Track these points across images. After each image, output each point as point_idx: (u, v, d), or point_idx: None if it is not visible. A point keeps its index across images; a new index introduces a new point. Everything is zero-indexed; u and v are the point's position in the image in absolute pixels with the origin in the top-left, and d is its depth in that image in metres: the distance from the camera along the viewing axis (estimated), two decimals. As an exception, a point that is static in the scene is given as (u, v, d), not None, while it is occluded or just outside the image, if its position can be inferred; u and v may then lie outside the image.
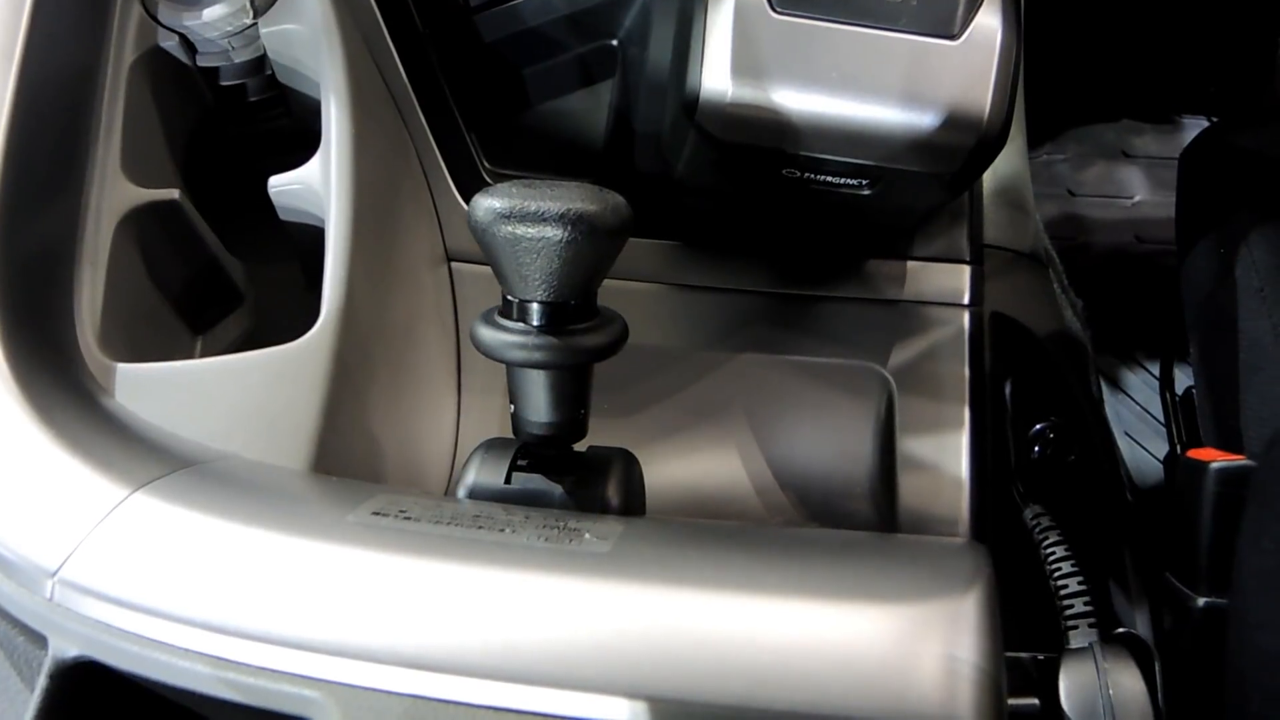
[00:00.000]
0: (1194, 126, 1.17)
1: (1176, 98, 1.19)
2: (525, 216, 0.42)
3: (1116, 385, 1.05)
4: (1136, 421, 1.02)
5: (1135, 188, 1.14)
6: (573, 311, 0.44)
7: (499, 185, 0.43)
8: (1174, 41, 1.18)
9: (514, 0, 0.68)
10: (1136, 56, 1.19)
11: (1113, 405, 1.03)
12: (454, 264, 0.68)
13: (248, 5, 0.58)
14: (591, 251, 0.43)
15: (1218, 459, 0.57)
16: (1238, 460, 0.56)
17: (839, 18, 0.54)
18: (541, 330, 0.44)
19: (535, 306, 0.44)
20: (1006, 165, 0.72)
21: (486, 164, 0.70)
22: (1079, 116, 1.18)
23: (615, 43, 0.71)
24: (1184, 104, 1.19)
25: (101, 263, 0.53)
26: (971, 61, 0.54)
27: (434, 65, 0.67)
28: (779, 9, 0.54)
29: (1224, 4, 1.16)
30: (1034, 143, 1.17)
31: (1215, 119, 1.17)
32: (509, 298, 0.45)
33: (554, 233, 0.42)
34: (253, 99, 0.63)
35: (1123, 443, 1.00)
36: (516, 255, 0.43)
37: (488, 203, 0.42)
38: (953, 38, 0.54)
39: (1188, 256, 0.70)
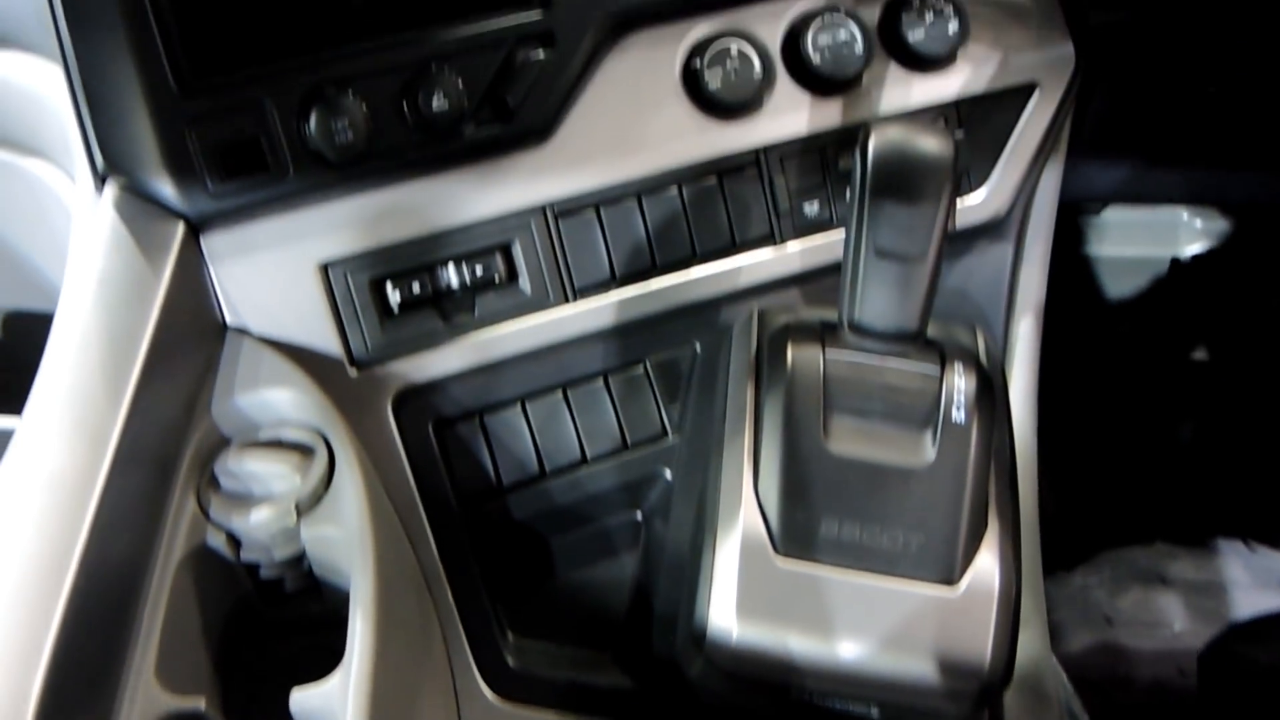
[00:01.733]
0: (1231, 551, 1.16)
1: (1211, 521, 1.19)
2: None
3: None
4: None
5: (1174, 616, 1.12)
6: None
7: None
8: (1205, 461, 1.20)
9: (544, 480, 0.72)
10: (1168, 477, 1.21)
11: None
12: None
13: (293, 508, 0.62)
14: None
15: None
16: None
17: (841, 562, 0.56)
18: None
19: None
20: (1026, 652, 0.72)
21: (510, 634, 0.72)
22: (1112, 538, 1.19)
23: (639, 516, 0.74)
24: (1219, 528, 1.19)
25: None
26: (971, 608, 0.56)
27: (465, 543, 0.71)
28: (783, 552, 0.56)
29: (1255, 430, 1.18)
30: (1067, 565, 1.17)
31: (1251, 542, 1.17)
32: None
33: None
34: (289, 590, 0.66)
35: None
36: None
37: None
38: (952, 583, 0.56)
39: None
